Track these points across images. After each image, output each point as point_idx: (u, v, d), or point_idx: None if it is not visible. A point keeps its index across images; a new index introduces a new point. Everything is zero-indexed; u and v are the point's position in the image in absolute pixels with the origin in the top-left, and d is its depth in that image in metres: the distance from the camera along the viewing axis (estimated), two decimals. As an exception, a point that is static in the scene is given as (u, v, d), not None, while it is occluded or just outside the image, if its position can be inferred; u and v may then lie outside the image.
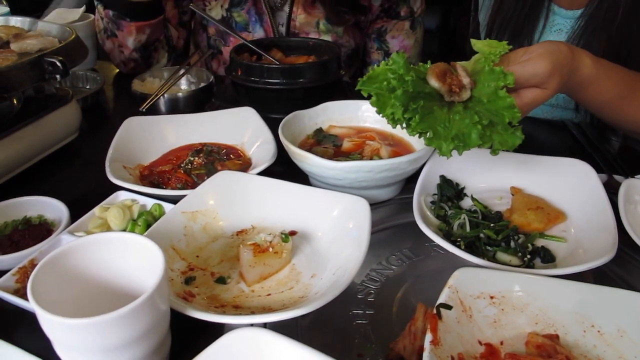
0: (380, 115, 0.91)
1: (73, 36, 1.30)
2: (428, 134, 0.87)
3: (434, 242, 0.95)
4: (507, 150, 0.90)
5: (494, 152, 0.89)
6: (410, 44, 2.03)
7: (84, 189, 1.25)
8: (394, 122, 0.88)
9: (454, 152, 0.89)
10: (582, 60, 1.05)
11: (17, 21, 1.47)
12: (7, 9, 1.79)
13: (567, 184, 1.11)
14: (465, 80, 0.91)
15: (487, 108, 0.89)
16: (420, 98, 0.88)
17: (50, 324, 0.67)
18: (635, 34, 1.37)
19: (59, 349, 0.71)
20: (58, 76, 1.16)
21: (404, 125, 0.90)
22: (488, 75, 0.90)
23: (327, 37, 1.87)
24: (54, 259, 0.73)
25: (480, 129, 0.85)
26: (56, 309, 0.65)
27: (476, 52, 0.99)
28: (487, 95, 0.89)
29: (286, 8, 1.86)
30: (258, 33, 1.87)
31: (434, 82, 0.90)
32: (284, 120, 1.21)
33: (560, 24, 1.53)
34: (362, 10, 1.91)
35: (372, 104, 0.92)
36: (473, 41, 1.00)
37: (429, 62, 0.96)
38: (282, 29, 1.88)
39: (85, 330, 0.65)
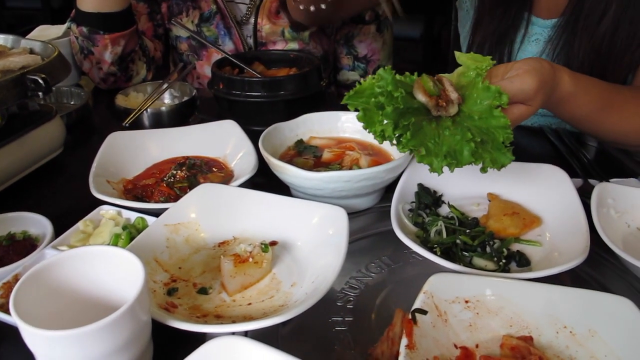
0: (367, 130, 0.91)
1: (55, 53, 1.32)
2: (420, 151, 0.86)
3: (412, 249, 0.97)
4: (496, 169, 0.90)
5: (484, 169, 0.89)
6: (378, 47, 2.08)
7: (69, 204, 1.26)
8: (382, 138, 0.88)
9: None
10: (562, 77, 1.07)
11: (-1, 39, 1.48)
12: (-10, 27, 1.80)
13: (542, 189, 1.14)
14: (453, 95, 0.91)
15: (477, 125, 0.89)
16: (410, 114, 0.88)
17: (32, 337, 0.68)
18: (612, 44, 1.39)
19: (42, 362, 0.72)
20: (40, 93, 1.17)
21: (394, 142, 0.89)
22: (482, 92, 0.90)
23: (294, 45, 1.92)
24: (36, 273, 0.75)
25: (473, 146, 0.85)
26: (39, 322, 0.67)
27: (458, 64, 0.99)
28: (479, 112, 0.89)
29: (252, 20, 1.91)
30: (228, 46, 1.93)
31: (421, 97, 0.90)
32: (264, 133, 1.23)
33: (538, 34, 1.56)
34: None
35: (359, 119, 0.91)
36: (457, 54, 1.00)
37: (415, 73, 0.96)
38: (250, 41, 1.93)
39: (67, 342, 0.66)
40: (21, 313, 0.68)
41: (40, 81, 1.17)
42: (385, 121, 0.86)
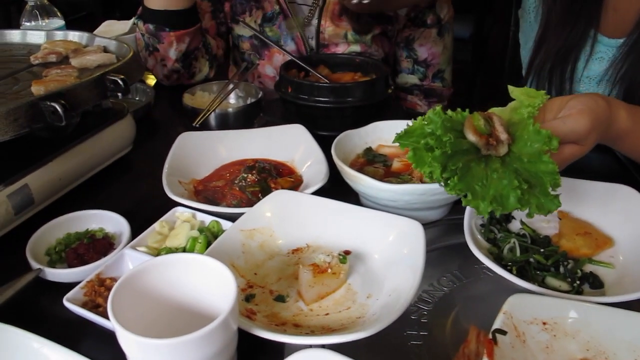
0: (418, 170, 0.92)
1: (131, 53, 1.34)
2: (466, 195, 0.87)
3: (483, 264, 0.97)
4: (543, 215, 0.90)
5: (530, 215, 0.89)
6: (438, 51, 2.06)
7: (138, 202, 1.29)
8: (431, 179, 0.89)
9: None
10: (619, 113, 1.05)
11: (74, 36, 1.53)
12: (62, 21, 1.84)
13: (614, 210, 1.12)
14: (503, 136, 0.90)
15: (526, 168, 0.89)
16: (458, 157, 0.89)
17: (129, 342, 0.71)
18: None
19: (133, 364, 0.75)
20: (119, 94, 1.20)
21: (442, 184, 0.90)
22: (533, 135, 0.90)
23: (356, 47, 1.93)
24: (129, 278, 0.78)
25: (520, 193, 0.85)
26: (131, 326, 0.69)
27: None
28: (528, 155, 0.89)
29: (314, 21, 1.92)
30: (290, 47, 1.94)
31: (471, 137, 0.91)
32: (336, 140, 1.24)
33: (602, 52, 1.53)
34: (388, 20, 1.96)
35: (409, 159, 0.92)
36: (510, 88, 1.00)
37: (467, 110, 0.96)
38: (312, 42, 1.94)
39: (164, 350, 0.69)
40: (117, 317, 0.70)
41: (120, 82, 1.19)
42: (434, 163, 0.88)
